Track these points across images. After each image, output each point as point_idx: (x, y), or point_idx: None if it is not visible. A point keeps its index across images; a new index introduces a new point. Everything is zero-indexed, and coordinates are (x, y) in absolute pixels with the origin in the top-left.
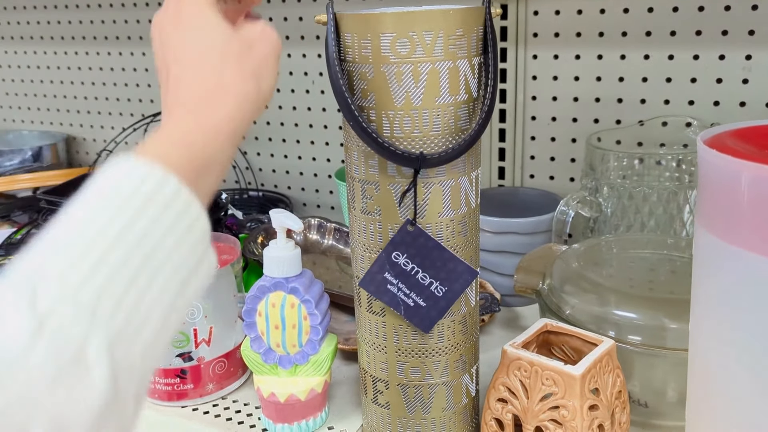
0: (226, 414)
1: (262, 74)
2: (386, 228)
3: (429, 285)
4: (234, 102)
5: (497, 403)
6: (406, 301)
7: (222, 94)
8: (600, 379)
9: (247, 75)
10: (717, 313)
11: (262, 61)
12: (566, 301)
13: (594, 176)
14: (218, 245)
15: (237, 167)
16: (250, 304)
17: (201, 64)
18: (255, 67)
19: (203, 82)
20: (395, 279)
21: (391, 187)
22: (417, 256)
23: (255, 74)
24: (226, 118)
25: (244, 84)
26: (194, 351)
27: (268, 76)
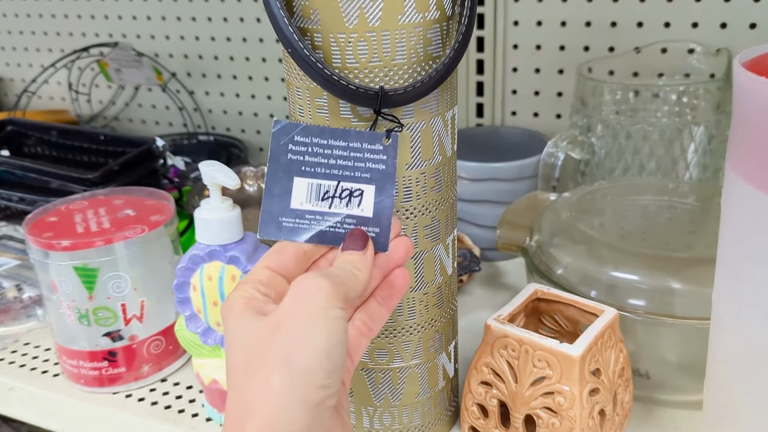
0: (165, 400)
1: (291, 355)
2: None
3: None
4: (262, 418)
5: (480, 386)
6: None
7: (245, 416)
8: (601, 357)
9: (272, 369)
10: (751, 277)
11: (292, 338)
12: (557, 260)
13: (585, 112)
14: (147, 203)
15: (184, 109)
16: (182, 277)
17: (230, 376)
18: (281, 352)
19: (230, 408)
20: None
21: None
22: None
23: (281, 360)
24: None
25: (265, 385)
26: (124, 329)
27: (302, 349)
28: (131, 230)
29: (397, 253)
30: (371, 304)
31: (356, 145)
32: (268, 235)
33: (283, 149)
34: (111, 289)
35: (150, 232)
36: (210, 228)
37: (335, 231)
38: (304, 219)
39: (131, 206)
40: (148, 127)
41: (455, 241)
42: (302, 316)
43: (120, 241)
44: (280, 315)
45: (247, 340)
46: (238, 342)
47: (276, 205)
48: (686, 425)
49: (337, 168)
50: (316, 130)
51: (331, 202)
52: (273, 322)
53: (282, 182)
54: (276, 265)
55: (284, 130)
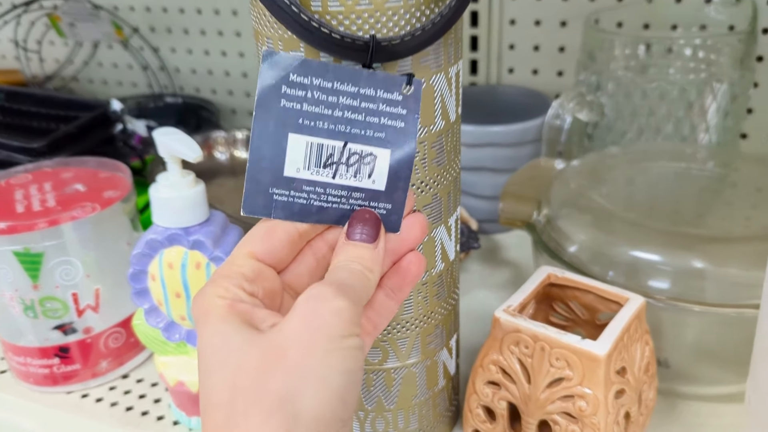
0: (127, 401)
1: (297, 397)
2: None
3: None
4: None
5: (487, 386)
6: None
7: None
8: (627, 353)
9: (269, 412)
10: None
11: (299, 376)
12: (568, 236)
13: (594, 69)
14: (100, 177)
15: (148, 68)
16: (138, 264)
17: (208, 410)
18: (283, 391)
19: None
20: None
21: None
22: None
23: (283, 403)
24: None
25: (264, 425)
26: (77, 321)
27: (313, 392)
28: (80, 209)
29: (411, 233)
30: (378, 297)
31: (369, 92)
32: (254, 211)
33: (274, 93)
34: (59, 276)
35: (103, 210)
36: (169, 208)
37: (339, 207)
38: (300, 190)
39: (81, 180)
40: (109, 88)
41: (458, 221)
42: (315, 350)
43: (67, 221)
44: (283, 340)
45: (234, 365)
46: (221, 364)
47: (265, 172)
48: (714, 421)
49: (345, 123)
50: (318, 66)
51: (335, 170)
52: (272, 348)
53: (273, 140)
54: (263, 252)
55: (276, 66)
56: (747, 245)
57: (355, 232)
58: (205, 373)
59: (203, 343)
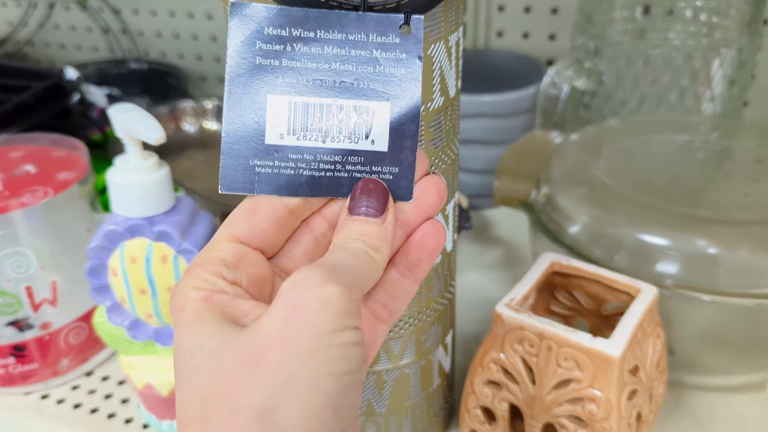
0: (91, 401)
1: (277, 408)
2: None
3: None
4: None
5: (486, 386)
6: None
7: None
8: (639, 350)
9: (248, 420)
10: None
11: (280, 382)
12: (569, 216)
13: (592, 33)
14: (53, 156)
15: (110, 31)
16: (96, 258)
17: (181, 425)
18: (261, 401)
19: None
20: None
21: None
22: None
23: (261, 416)
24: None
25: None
26: (33, 316)
27: (296, 402)
28: (31, 194)
29: (427, 200)
30: (392, 276)
31: (359, 37)
32: (233, 188)
33: (247, 50)
34: (10, 269)
35: (57, 195)
36: (129, 195)
37: (334, 176)
38: (286, 159)
39: (32, 160)
40: (67, 52)
41: (456, 207)
42: (298, 350)
43: (17, 209)
44: (262, 339)
45: (207, 373)
46: (194, 372)
47: (244, 142)
48: (725, 413)
49: (333, 76)
50: (297, 14)
51: (325, 132)
52: (250, 350)
53: (250, 104)
54: (247, 233)
55: (247, 19)
56: (760, 228)
57: (358, 206)
58: (179, 381)
59: (176, 346)
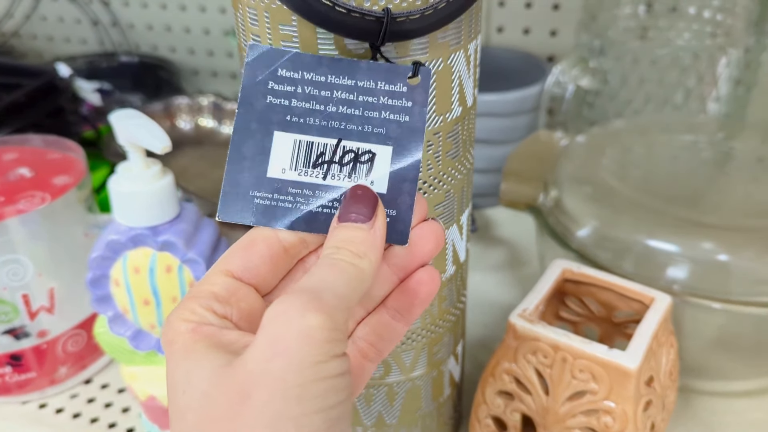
0: (91, 410)
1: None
2: None
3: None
4: None
5: (498, 397)
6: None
7: None
8: (655, 360)
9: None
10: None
11: (266, 417)
12: (576, 220)
13: (596, 31)
14: (49, 158)
15: (99, 23)
16: (98, 269)
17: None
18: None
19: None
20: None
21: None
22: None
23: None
24: None
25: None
26: (30, 324)
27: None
28: (28, 200)
29: (423, 247)
30: (382, 318)
31: (368, 84)
32: (231, 216)
33: (259, 89)
34: (6, 277)
35: (54, 201)
36: (132, 205)
37: (331, 213)
38: (286, 194)
39: (27, 163)
40: (55, 45)
41: (470, 217)
42: (284, 386)
43: (13, 216)
44: (248, 375)
45: (198, 412)
46: (187, 409)
47: (246, 173)
48: (732, 419)
49: (339, 119)
50: (310, 60)
51: (326, 170)
52: (236, 387)
53: (256, 138)
54: (241, 268)
55: (263, 61)
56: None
57: (346, 212)
58: (173, 416)
59: (169, 381)
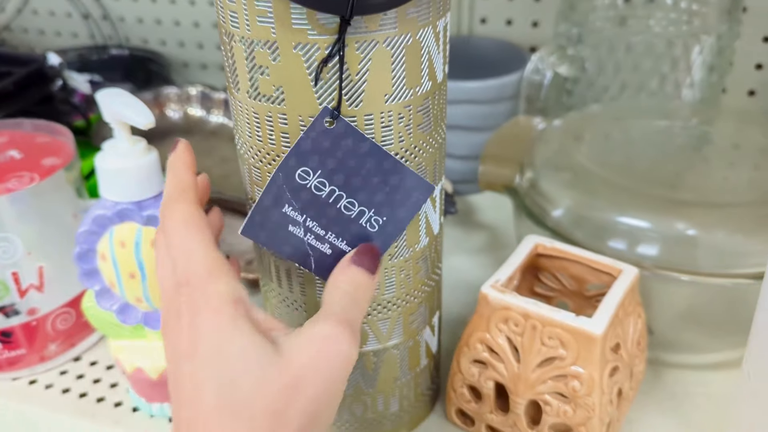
0: (80, 386)
1: (317, 419)
2: (295, 123)
3: (358, 216)
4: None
5: (473, 366)
6: (320, 248)
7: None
8: (621, 328)
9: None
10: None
11: (319, 400)
12: (552, 200)
13: (575, 20)
14: (39, 141)
15: (90, 17)
16: (85, 243)
17: (219, 423)
18: (306, 414)
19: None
20: (300, 215)
21: (301, 50)
22: (339, 171)
23: (307, 425)
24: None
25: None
26: (20, 302)
27: (329, 411)
28: (17, 180)
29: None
30: None
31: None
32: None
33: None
34: None
35: (43, 180)
36: (118, 180)
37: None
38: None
39: (17, 146)
40: (47, 38)
41: (443, 191)
42: (328, 393)
43: (3, 194)
44: (299, 369)
45: (258, 384)
46: (246, 374)
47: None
48: (700, 390)
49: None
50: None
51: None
52: (290, 378)
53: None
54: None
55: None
56: (737, 210)
57: (360, 260)
58: (210, 367)
59: (210, 342)
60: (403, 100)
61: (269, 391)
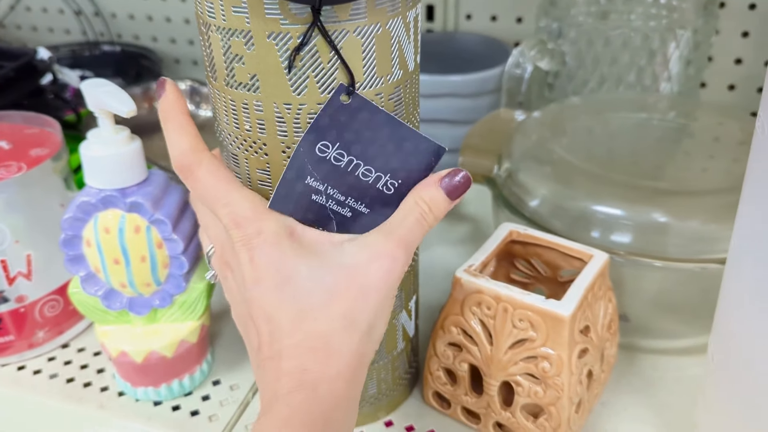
0: (67, 372)
1: (376, 324)
2: (270, 110)
3: (375, 182)
4: (346, 369)
5: (448, 348)
6: (341, 212)
7: (332, 365)
8: (591, 311)
9: (362, 334)
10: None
11: (378, 309)
12: (529, 191)
13: (555, 15)
14: (27, 133)
15: (82, 13)
16: (70, 229)
17: (298, 329)
18: (370, 319)
19: (305, 354)
20: (322, 184)
21: (275, 39)
22: (357, 142)
23: (369, 329)
24: (335, 396)
25: (360, 346)
26: (8, 289)
27: (383, 321)
28: (5, 169)
29: None
30: None
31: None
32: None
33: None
34: None
35: (30, 170)
36: (102, 168)
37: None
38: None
39: (5, 137)
40: (39, 35)
41: None
42: (383, 297)
43: None
44: (365, 278)
45: (332, 294)
46: (317, 293)
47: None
48: (673, 374)
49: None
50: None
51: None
52: (357, 284)
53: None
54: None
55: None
56: (708, 198)
57: (449, 184)
58: (282, 294)
59: (277, 267)
60: (375, 88)
61: (342, 298)
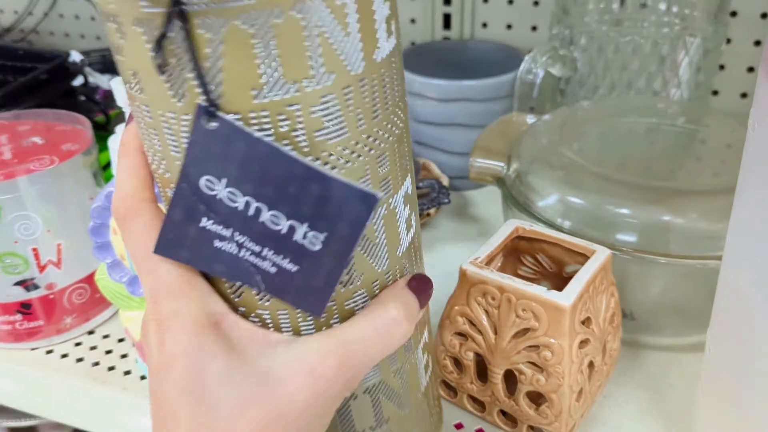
0: (93, 356)
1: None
2: (158, 120)
3: (290, 232)
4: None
5: (454, 338)
6: (262, 267)
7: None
8: (592, 304)
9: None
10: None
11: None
12: (537, 191)
13: (567, 22)
14: (59, 129)
15: None
16: (98, 218)
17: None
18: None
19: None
20: (226, 229)
21: (139, 27)
22: (246, 179)
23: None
24: None
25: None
26: (39, 277)
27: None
28: (38, 161)
29: None
30: None
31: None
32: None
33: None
34: (18, 231)
35: (62, 163)
36: None
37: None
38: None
39: (39, 133)
40: (71, 41)
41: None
42: (312, 417)
43: (24, 174)
44: (287, 396)
45: (242, 408)
46: (225, 400)
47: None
48: (676, 370)
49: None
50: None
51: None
52: (275, 403)
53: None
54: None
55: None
56: (712, 198)
57: (419, 288)
58: (185, 395)
59: (183, 361)
60: (284, 97)
61: (252, 416)
